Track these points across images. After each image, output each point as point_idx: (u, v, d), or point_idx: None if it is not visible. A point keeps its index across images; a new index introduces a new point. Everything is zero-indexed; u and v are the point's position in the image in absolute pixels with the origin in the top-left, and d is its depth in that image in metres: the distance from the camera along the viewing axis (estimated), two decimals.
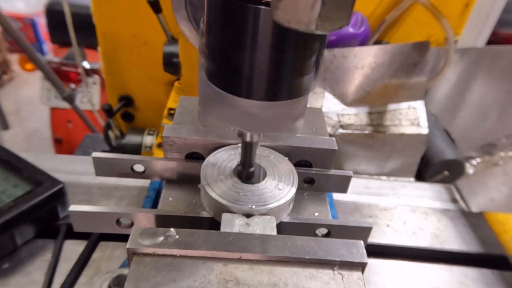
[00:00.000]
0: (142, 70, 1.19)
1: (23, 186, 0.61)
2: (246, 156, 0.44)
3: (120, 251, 0.61)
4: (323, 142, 0.52)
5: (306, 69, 0.34)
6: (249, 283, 0.35)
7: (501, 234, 0.71)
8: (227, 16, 0.31)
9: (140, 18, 1.08)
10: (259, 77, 0.33)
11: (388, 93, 0.96)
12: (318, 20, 0.25)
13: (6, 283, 0.55)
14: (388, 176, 1.01)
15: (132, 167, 0.51)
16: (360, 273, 0.37)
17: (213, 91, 0.35)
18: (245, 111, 0.35)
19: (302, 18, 0.25)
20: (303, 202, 0.51)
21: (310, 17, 0.25)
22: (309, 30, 0.26)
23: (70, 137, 2.18)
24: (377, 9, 1.02)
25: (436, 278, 0.63)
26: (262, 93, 0.34)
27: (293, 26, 0.26)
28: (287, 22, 0.26)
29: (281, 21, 0.26)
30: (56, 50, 2.54)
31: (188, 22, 0.44)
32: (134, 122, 1.31)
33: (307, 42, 0.32)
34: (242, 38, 0.31)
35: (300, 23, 0.26)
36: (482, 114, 1.10)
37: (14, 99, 3.33)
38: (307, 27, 0.26)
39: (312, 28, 0.26)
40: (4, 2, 2.71)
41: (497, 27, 1.51)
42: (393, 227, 0.71)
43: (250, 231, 0.41)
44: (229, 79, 0.34)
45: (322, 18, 0.25)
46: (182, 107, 0.57)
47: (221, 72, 0.34)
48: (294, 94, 0.35)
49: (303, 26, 0.26)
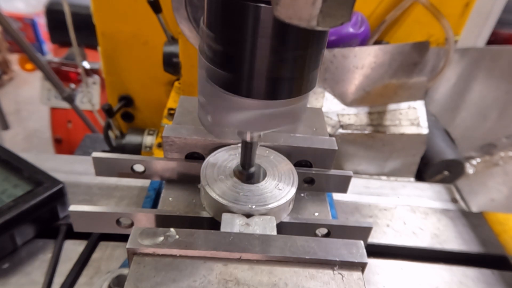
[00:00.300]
0: (142, 70, 1.19)
1: (23, 186, 0.61)
2: (246, 156, 0.44)
3: (120, 251, 0.61)
4: (323, 142, 0.52)
5: (307, 67, 0.34)
6: (249, 283, 0.35)
7: (501, 234, 0.71)
8: (228, 15, 0.31)
9: (140, 18, 1.08)
10: (260, 76, 0.32)
11: (388, 93, 0.96)
12: (319, 16, 0.25)
13: (6, 283, 0.55)
14: (388, 176, 1.01)
15: (132, 167, 0.51)
16: (360, 273, 0.37)
17: (213, 90, 0.35)
18: (245, 110, 0.35)
19: (303, 14, 0.25)
20: (303, 202, 0.51)
21: (311, 13, 0.25)
22: (310, 26, 0.26)
23: (70, 137, 2.18)
24: (377, 9, 1.02)
25: (436, 278, 0.63)
26: (263, 92, 0.33)
27: (294, 22, 0.26)
28: (288, 18, 0.26)
29: (282, 17, 0.26)
30: (56, 50, 2.54)
31: (188, 22, 0.44)
32: (134, 122, 1.31)
33: (308, 40, 0.32)
34: (242, 37, 0.31)
35: (301, 19, 0.26)
36: (482, 114, 1.10)
37: (14, 99, 3.33)
38: (308, 23, 0.26)
39: (313, 24, 0.25)
40: (4, 2, 2.71)
41: (497, 27, 1.51)
42: (393, 227, 0.71)
43: (250, 231, 0.41)
44: (229, 78, 0.34)
45: (323, 14, 0.25)
46: (182, 107, 0.57)
47: (221, 72, 0.34)
48: (295, 92, 0.35)
49: (304, 22, 0.26)
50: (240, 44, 0.31)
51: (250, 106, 0.35)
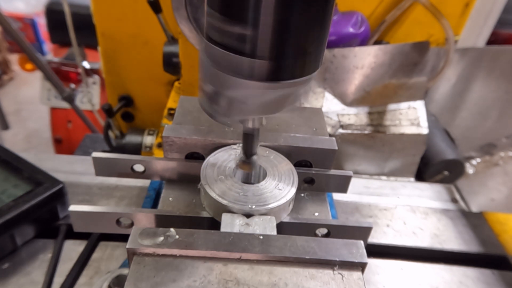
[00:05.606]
0: (142, 70, 1.19)
1: (23, 186, 0.61)
2: (248, 144, 0.43)
3: (120, 251, 0.61)
4: (323, 142, 0.52)
5: (320, 44, 0.33)
6: (249, 283, 0.35)
7: (501, 234, 0.71)
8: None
9: (140, 18, 1.08)
10: (263, 56, 0.32)
11: (388, 93, 0.96)
12: None
13: (6, 283, 0.55)
14: (388, 176, 1.01)
15: (132, 167, 0.51)
16: (360, 273, 0.37)
17: (216, 74, 0.35)
18: (248, 93, 0.35)
19: None
20: (303, 202, 0.51)
21: None
22: None
23: (70, 137, 2.18)
24: (377, 9, 1.02)
25: (436, 278, 0.63)
26: (266, 74, 0.33)
27: None
28: None
29: None
30: (56, 50, 2.54)
31: (188, 22, 0.44)
32: (134, 122, 1.31)
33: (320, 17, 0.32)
34: (246, 16, 0.30)
35: None
36: (482, 114, 1.10)
37: (14, 99, 3.33)
38: None
39: None
40: (4, 2, 2.71)
41: (497, 27, 1.51)
42: (393, 227, 0.71)
43: (250, 231, 0.41)
44: (231, 60, 0.33)
45: None
46: (182, 107, 0.57)
47: (224, 54, 0.33)
48: (298, 74, 0.34)
49: None
50: (243, 24, 0.30)
51: (254, 88, 0.34)
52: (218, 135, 0.50)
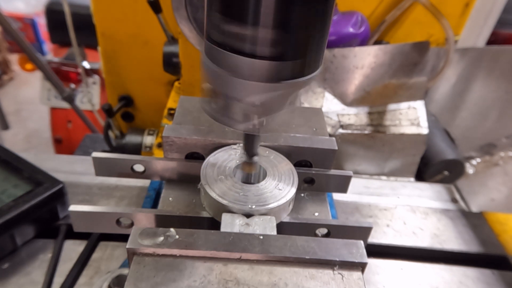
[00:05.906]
0: (142, 70, 1.19)
1: (23, 186, 0.61)
2: (249, 144, 0.43)
3: (120, 251, 0.61)
4: (323, 142, 0.52)
5: (311, 46, 0.33)
6: (249, 283, 0.35)
7: (501, 234, 0.71)
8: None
9: (140, 18, 1.08)
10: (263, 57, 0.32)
11: (388, 93, 0.96)
12: None
13: (6, 283, 0.55)
14: (388, 176, 1.01)
15: (132, 167, 0.51)
16: (360, 273, 0.37)
17: (217, 75, 0.35)
18: (249, 93, 0.35)
19: None
20: (303, 202, 0.51)
21: None
22: None
23: (70, 137, 2.18)
24: (377, 9, 1.02)
25: (436, 278, 0.63)
26: (266, 74, 0.33)
27: None
28: None
29: None
30: (56, 50, 2.54)
31: (188, 22, 0.44)
32: (134, 122, 1.31)
33: (312, 19, 0.32)
34: (246, 16, 0.30)
35: None
36: (482, 114, 1.10)
37: (14, 99, 3.33)
38: None
39: None
40: (4, 2, 2.71)
41: (497, 27, 1.51)
42: (393, 227, 0.71)
43: (250, 231, 0.41)
44: (231, 60, 0.33)
45: None
46: (182, 107, 0.57)
47: (225, 54, 0.33)
48: (299, 74, 0.34)
49: None
50: (243, 23, 0.31)
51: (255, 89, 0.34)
52: (218, 135, 0.50)
